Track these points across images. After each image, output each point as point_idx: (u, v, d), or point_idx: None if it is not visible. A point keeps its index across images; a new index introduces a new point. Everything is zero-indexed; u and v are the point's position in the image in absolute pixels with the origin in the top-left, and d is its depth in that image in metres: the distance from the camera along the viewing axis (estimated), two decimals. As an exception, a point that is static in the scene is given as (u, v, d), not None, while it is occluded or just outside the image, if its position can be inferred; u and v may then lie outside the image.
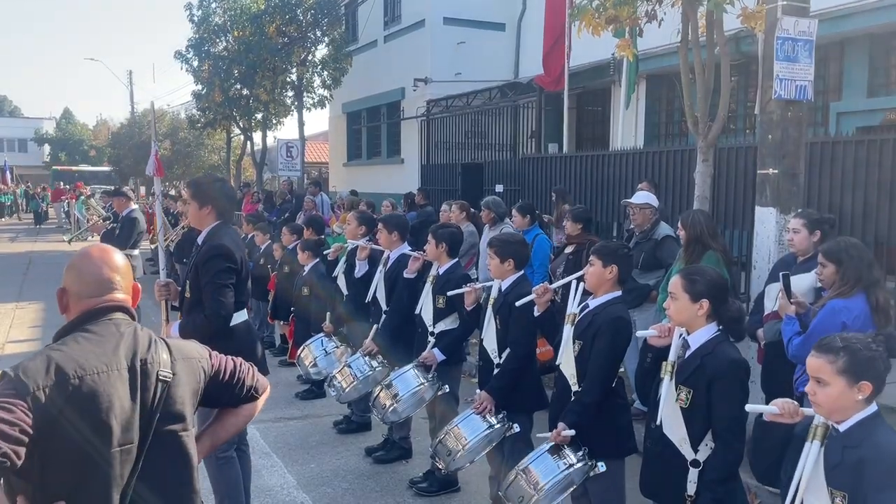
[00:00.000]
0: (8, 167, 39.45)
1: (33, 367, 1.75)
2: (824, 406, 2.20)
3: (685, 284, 2.88)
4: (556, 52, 11.31)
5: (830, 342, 2.22)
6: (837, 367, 2.16)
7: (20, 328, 9.31)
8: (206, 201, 3.67)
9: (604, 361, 3.25)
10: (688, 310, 2.86)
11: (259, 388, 2.25)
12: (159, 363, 1.93)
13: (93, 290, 1.96)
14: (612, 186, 8.88)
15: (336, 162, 21.54)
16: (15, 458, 1.64)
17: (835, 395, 2.16)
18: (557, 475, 3.16)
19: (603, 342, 3.26)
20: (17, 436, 1.64)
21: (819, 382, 2.20)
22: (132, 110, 35.17)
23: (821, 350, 2.22)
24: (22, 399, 1.68)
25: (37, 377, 1.72)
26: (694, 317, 2.87)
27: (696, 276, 2.92)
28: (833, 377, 2.16)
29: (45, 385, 1.72)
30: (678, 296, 2.89)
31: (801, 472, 2.21)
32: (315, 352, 5.44)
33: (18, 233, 25.93)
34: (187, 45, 17.84)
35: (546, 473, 3.16)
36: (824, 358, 2.19)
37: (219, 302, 3.48)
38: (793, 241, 4.28)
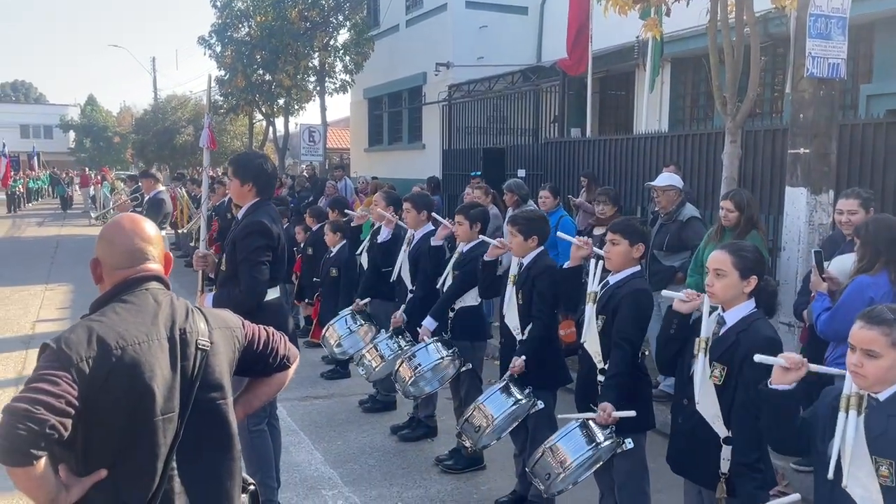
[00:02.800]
0: (35, 153, 40.02)
1: (75, 339, 1.74)
2: (871, 378, 2.11)
3: (735, 261, 2.82)
4: (581, 36, 11.22)
5: (881, 313, 2.12)
6: (893, 339, 2.08)
7: (49, 309, 9.47)
8: (247, 178, 3.70)
9: (629, 330, 3.25)
10: (736, 286, 2.83)
11: (291, 357, 2.27)
12: (198, 332, 1.94)
13: (126, 260, 1.96)
14: (636, 170, 8.82)
15: (357, 147, 21.57)
16: (62, 429, 1.64)
17: (886, 366, 2.09)
18: (585, 452, 3.16)
19: (625, 311, 3.27)
20: (63, 408, 1.64)
21: (869, 355, 2.10)
22: (155, 96, 35.43)
23: (872, 322, 2.11)
24: (66, 371, 1.68)
25: (79, 348, 1.72)
26: (739, 294, 2.84)
27: (745, 252, 2.87)
28: (887, 349, 2.08)
29: (88, 356, 1.72)
30: (727, 272, 2.83)
31: (843, 443, 2.16)
32: (339, 331, 5.48)
33: (45, 217, 26.32)
34: (210, 30, 17.90)
35: (574, 451, 3.16)
36: (878, 330, 2.09)
37: (254, 278, 3.53)
38: (850, 222, 4.16)
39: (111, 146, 46.98)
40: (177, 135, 29.50)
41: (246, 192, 3.74)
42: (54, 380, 1.66)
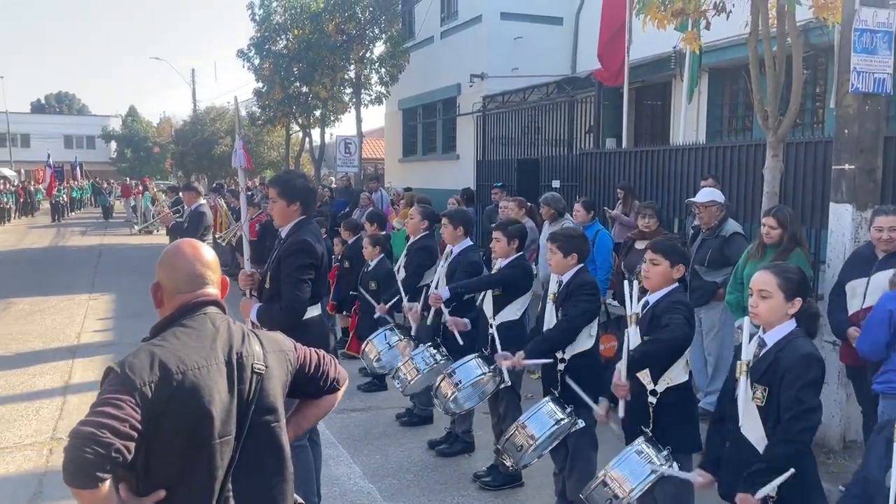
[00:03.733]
0: (78, 163, 41.09)
1: (138, 364, 1.79)
2: None
3: (780, 283, 2.81)
4: (614, 47, 11.17)
5: None
6: None
7: (93, 319, 9.70)
8: (294, 198, 3.75)
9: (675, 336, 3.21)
10: (780, 308, 2.81)
11: (340, 379, 2.30)
12: (253, 356, 1.98)
13: (186, 285, 2.02)
14: (673, 182, 8.74)
15: (391, 158, 21.72)
16: (126, 453, 1.69)
17: None
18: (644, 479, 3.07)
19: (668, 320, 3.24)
20: (127, 431, 1.69)
21: None
22: (194, 108, 36.15)
23: None
24: (130, 395, 1.73)
25: (142, 373, 1.77)
26: (783, 315, 2.82)
27: (790, 273, 2.86)
28: None
29: (150, 381, 1.77)
30: (772, 294, 2.81)
31: None
32: (379, 345, 5.51)
33: (88, 226, 26.98)
34: (249, 43, 18.23)
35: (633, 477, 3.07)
36: None
37: (295, 296, 3.59)
38: (891, 239, 4.09)
39: (151, 156, 48.01)
40: (215, 145, 30.06)
41: (292, 212, 3.80)
42: (119, 404, 1.71)
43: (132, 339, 8.32)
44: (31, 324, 9.27)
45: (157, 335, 1.95)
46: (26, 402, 6.15)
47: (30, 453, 5.10)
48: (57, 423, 5.67)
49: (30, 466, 4.90)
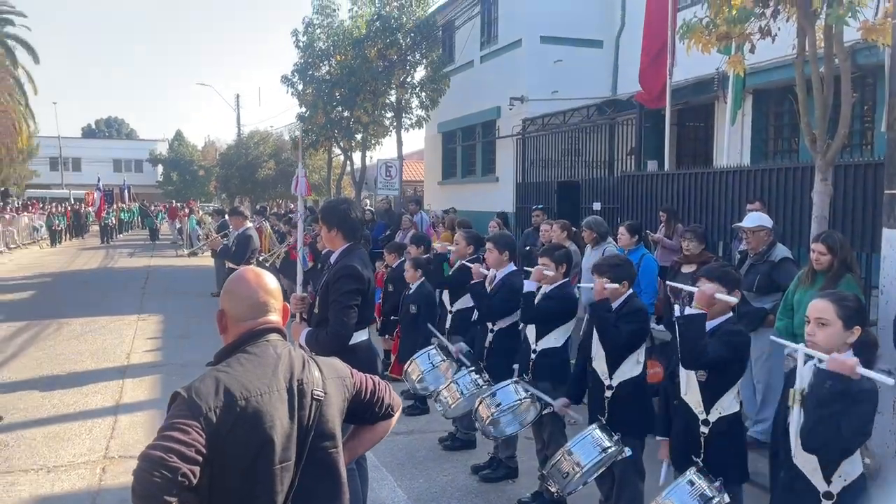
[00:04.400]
0: (126, 186, 42.31)
1: (204, 389, 1.84)
2: None
3: (839, 310, 2.77)
4: (655, 69, 11.15)
5: None
6: None
7: (142, 339, 9.93)
8: (332, 224, 3.87)
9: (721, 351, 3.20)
10: (839, 337, 2.76)
11: (394, 405, 2.33)
12: (313, 382, 2.02)
13: (250, 312, 2.06)
14: (716, 205, 8.64)
15: (431, 180, 21.90)
16: (192, 477, 1.73)
17: None
18: None
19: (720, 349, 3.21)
20: (193, 456, 1.74)
21: None
22: (239, 132, 36.99)
23: None
24: (196, 420, 1.78)
25: (208, 399, 1.82)
26: (842, 344, 2.77)
27: (848, 301, 2.82)
28: None
29: (215, 406, 1.82)
30: (830, 322, 2.77)
31: None
32: (422, 366, 5.54)
33: (135, 248, 27.70)
34: (293, 69, 18.63)
35: None
36: None
37: (342, 322, 3.66)
38: None
39: (196, 179, 49.22)
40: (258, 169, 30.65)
41: (334, 238, 3.90)
42: (185, 429, 1.76)
43: (179, 359, 8.52)
44: (83, 343, 9.53)
45: (221, 361, 2.00)
46: (79, 421, 6.32)
47: (83, 472, 5.23)
48: (109, 441, 5.81)
49: (83, 485, 5.02)
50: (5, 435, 5.89)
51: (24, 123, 31.79)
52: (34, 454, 5.52)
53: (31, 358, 8.70)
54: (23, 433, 5.96)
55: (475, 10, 17.37)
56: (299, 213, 5.01)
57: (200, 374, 1.93)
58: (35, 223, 28.24)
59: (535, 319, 4.66)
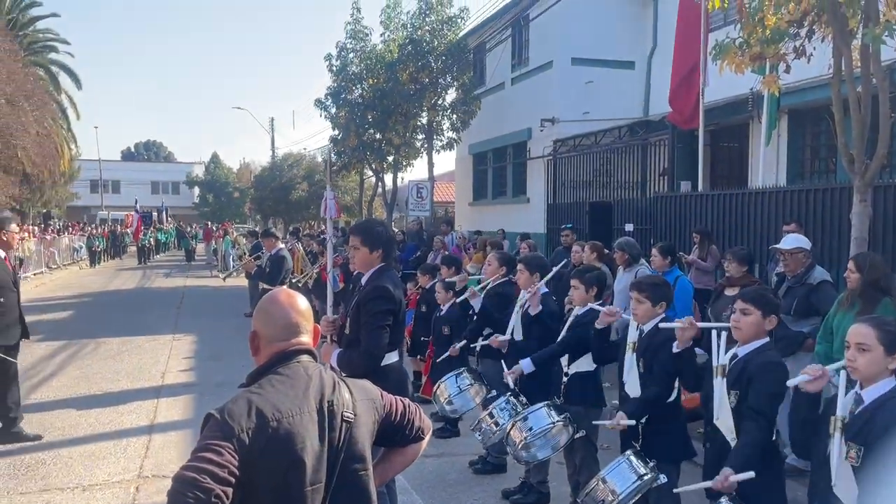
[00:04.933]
0: (164, 208, 43.20)
1: (237, 411, 1.85)
2: None
3: (880, 335, 2.70)
4: (687, 90, 11.09)
5: None
6: None
7: (177, 359, 10.05)
8: (377, 245, 3.85)
9: (765, 404, 3.12)
10: (880, 362, 2.69)
11: (425, 428, 2.32)
12: (343, 404, 2.02)
13: (282, 333, 2.07)
14: (751, 226, 8.53)
15: (462, 201, 21.97)
16: (225, 498, 1.74)
17: None
18: None
19: (761, 385, 3.14)
20: (226, 477, 1.75)
21: None
22: (273, 154, 37.61)
23: None
24: (228, 441, 1.79)
25: (240, 420, 1.83)
26: (883, 370, 2.70)
27: (889, 326, 2.75)
28: None
29: (248, 427, 1.82)
30: (871, 347, 2.70)
31: None
32: (450, 388, 5.51)
33: (171, 269, 28.18)
34: (326, 93, 18.94)
35: None
36: None
37: (374, 342, 3.66)
38: None
39: (231, 201, 50.04)
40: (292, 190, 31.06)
41: (374, 260, 3.89)
42: (218, 450, 1.77)
43: (213, 380, 8.61)
44: (120, 363, 9.68)
45: (253, 382, 2.01)
46: (114, 441, 6.40)
47: (118, 491, 5.29)
48: (143, 461, 5.87)
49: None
50: (43, 453, 5.99)
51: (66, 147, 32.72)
52: (70, 472, 5.60)
53: (70, 377, 8.87)
54: (60, 452, 6.05)
55: (506, 33, 17.49)
56: (329, 235, 5.06)
57: (233, 396, 1.94)
58: (75, 244, 28.93)
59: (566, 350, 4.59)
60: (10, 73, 22.87)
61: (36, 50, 34.27)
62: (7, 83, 22.42)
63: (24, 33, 33.08)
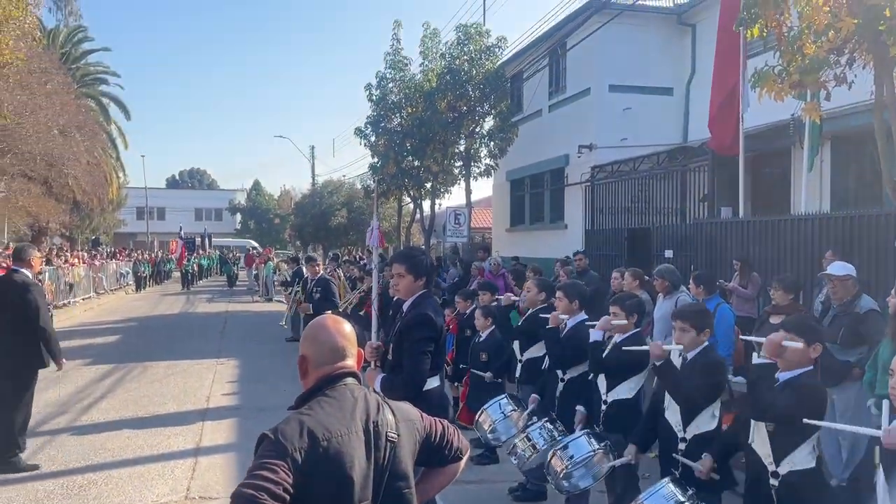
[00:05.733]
0: (207, 234, 44.15)
1: (289, 431, 1.96)
2: None
3: None
4: (726, 116, 11.03)
5: None
6: None
7: (221, 382, 10.26)
8: (421, 273, 3.98)
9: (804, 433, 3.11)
10: None
11: (463, 449, 2.41)
12: (387, 424, 2.12)
13: (328, 357, 2.19)
14: (794, 254, 8.42)
15: (499, 227, 22.04)
16: None
17: None
18: None
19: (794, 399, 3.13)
20: (281, 494, 1.84)
21: None
22: (313, 182, 38.26)
23: None
24: (283, 460, 1.89)
25: (293, 440, 1.93)
26: None
27: None
28: None
29: (300, 447, 1.93)
30: None
31: None
32: (493, 415, 5.54)
33: (214, 294, 28.73)
34: (366, 122, 19.28)
35: None
36: None
37: (416, 368, 3.75)
38: None
39: (272, 227, 50.91)
40: (331, 217, 31.52)
41: (417, 287, 4.01)
42: (274, 468, 1.87)
43: (256, 404, 8.77)
44: (166, 386, 9.92)
45: (303, 404, 2.11)
46: (162, 462, 6.56)
47: (166, 511, 5.44)
48: (190, 482, 6.01)
49: (166, 524, 5.22)
50: (95, 474, 6.18)
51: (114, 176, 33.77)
52: (121, 493, 5.76)
53: (119, 399, 9.12)
54: (111, 473, 6.24)
55: (543, 61, 17.65)
56: (374, 265, 5.17)
57: (285, 417, 2.05)
58: (122, 270, 29.72)
59: (604, 370, 4.64)
60: (63, 105, 23.80)
61: (87, 82, 35.60)
62: (60, 115, 23.32)
63: (76, 66, 34.42)
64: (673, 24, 16.07)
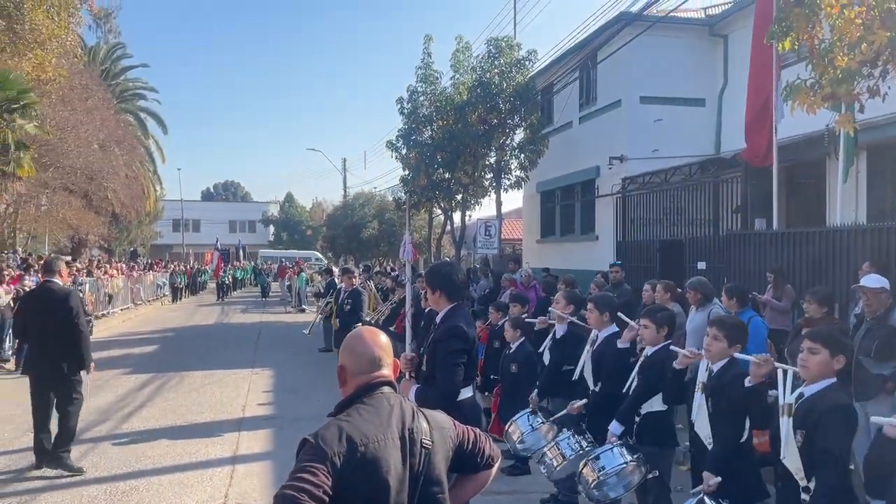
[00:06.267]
0: (241, 246, 44.84)
1: (329, 436, 2.06)
2: None
3: None
4: (760, 127, 10.95)
5: None
6: None
7: (256, 392, 10.44)
8: (435, 285, 4.10)
9: (836, 448, 3.11)
10: None
11: (494, 456, 2.48)
12: (422, 432, 2.21)
13: (366, 367, 2.29)
14: (829, 266, 8.32)
15: (530, 238, 22.06)
16: None
17: None
18: None
19: (831, 429, 3.13)
20: (321, 496, 1.94)
21: None
22: (345, 194, 38.69)
23: None
24: (322, 464, 1.99)
25: (333, 444, 2.03)
26: None
27: None
28: None
29: (339, 451, 2.02)
30: None
31: None
32: (522, 427, 5.60)
33: (248, 305, 29.16)
34: (397, 135, 19.51)
35: None
36: None
37: (449, 379, 3.84)
38: None
39: (304, 238, 51.54)
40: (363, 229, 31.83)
41: (438, 299, 4.12)
42: (314, 471, 1.97)
43: (290, 413, 8.92)
44: (203, 395, 10.13)
45: (341, 411, 2.22)
46: (200, 470, 6.72)
47: (205, 517, 5.58)
48: (228, 489, 6.16)
49: (205, 530, 5.36)
50: (137, 481, 6.36)
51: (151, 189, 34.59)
52: (162, 499, 5.93)
53: (158, 408, 9.34)
54: (151, 479, 6.41)
55: (574, 73, 17.70)
56: (407, 278, 5.28)
57: (325, 423, 2.15)
58: (159, 281, 30.33)
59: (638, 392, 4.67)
60: (103, 120, 24.51)
61: (126, 98, 36.58)
62: (100, 129, 24.02)
63: (115, 82, 35.41)
64: (704, 36, 16.01)
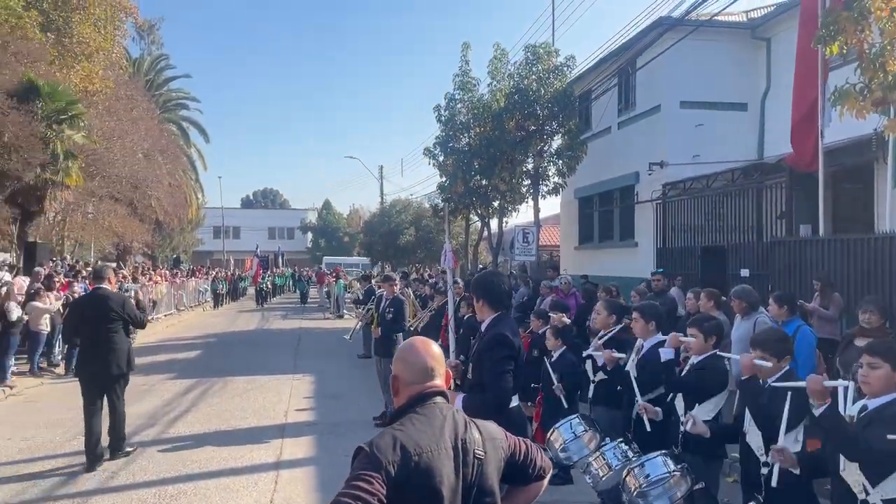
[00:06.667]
0: (280, 252, 45.45)
1: (383, 445, 2.09)
2: None
3: None
4: (806, 131, 10.74)
5: None
6: None
7: (297, 398, 10.57)
8: (479, 295, 4.14)
9: None
10: None
11: (546, 468, 2.49)
12: (474, 442, 2.23)
13: (419, 377, 2.32)
14: (878, 274, 8.12)
15: (567, 245, 21.93)
16: None
17: None
18: None
19: None
20: None
21: None
22: (382, 201, 38.98)
23: None
24: (377, 472, 2.03)
25: (387, 453, 2.07)
26: None
27: None
28: None
29: (394, 460, 2.06)
30: None
31: None
32: (564, 434, 5.55)
33: (287, 311, 29.53)
34: (434, 142, 19.60)
35: None
36: None
37: (499, 387, 3.86)
38: None
39: (342, 245, 52.02)
40: (400, 235, 32.02)
41: (480, 307, 4.16)
42: (369, 479, 2.01)
43: (331, 419, 9.02)
44: (246, 401, 10.30)
45: (395, 421, 2.26)
46: (246, 475, 6.84)
47: (251, 522, 5.68)
48: (273, 494, 6.25)
49: (252, 534, 5.45)
50: (184, 485, 6.50)
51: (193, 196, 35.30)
52: (209, 503, 6.05)
53: (203, 413, 9.52)
54: (198, 483, 6.55)
55: (613, 79, 17.59)
56: (449, 286, 5.31)
57: (379, 432, 2.19)
58: (200, 287, 30.90)
59: (681, 389, 4.63)
60: (148, 129, 25.13)
61: (170, 108, 37.43)
62: (145, 139, 24.63)
63: (159, 93, 36.27)
64: (746, 39, 15.77)
